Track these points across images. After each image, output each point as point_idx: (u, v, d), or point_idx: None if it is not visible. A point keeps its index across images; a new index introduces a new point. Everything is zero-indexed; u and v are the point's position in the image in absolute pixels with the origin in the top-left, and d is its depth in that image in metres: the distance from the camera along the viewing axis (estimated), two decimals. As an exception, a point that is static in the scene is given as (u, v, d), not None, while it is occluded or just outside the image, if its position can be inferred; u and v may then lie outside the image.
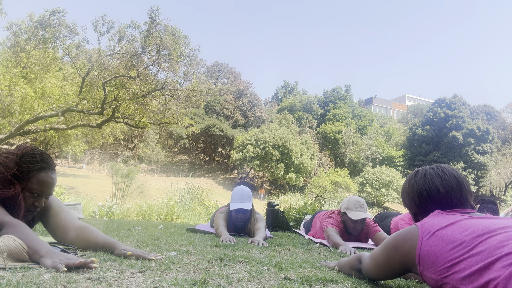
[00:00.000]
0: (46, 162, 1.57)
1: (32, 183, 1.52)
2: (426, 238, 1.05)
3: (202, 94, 15.24)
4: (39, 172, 1.54)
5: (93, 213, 6.71)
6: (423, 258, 1.03)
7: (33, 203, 1.55)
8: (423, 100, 62.23)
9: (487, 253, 0.88)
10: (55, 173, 1.63)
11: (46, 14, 11.95)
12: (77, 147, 20.80)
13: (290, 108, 41.06)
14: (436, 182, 1.23)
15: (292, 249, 2.25)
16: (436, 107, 37.60)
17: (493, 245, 0.89)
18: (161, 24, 12.43)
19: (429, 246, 1.03)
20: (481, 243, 0.92)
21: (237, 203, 2.96)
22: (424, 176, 1.27)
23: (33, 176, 1.53)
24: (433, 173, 1.26)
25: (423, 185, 1.26)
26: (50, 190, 1.60)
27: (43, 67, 14.20)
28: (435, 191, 1.22)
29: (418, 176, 1.29)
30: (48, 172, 1.58)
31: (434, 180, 1.24)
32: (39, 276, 1.07)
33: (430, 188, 1.23)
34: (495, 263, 0.85)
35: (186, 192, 9.10)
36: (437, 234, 1.03)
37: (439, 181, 1.23)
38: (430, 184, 1.24)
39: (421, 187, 1.26)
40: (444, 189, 1.21)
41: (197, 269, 1.34)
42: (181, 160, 39.36)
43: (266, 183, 33.29)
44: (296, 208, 5.69)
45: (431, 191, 1.23)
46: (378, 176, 28.91)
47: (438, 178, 1.24)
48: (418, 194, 1.27)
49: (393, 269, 1.18)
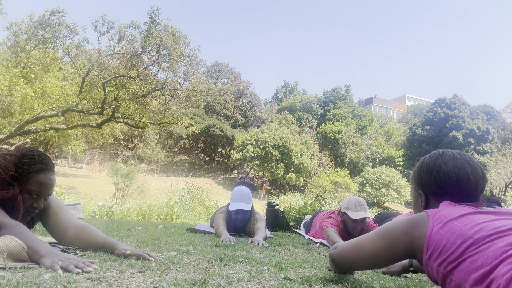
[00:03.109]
0: (45, 164, 1.57)
1: (31, 184, 1.52)
2: (438, 227, 1.03)
3: (202, 94, 15.24)
4: (37, 173, 1.54)
5: (93, 213, 6.71)
6: (431, 247, 1.02)
7: (32, 204, 1.55)
8: (423, 100, 62.24)
9: (494, 254, 0.88)
10: (54, 174, 1.63)
11: (46, 14, 11.95)
12: (77, 147, 20.80)
13: (290, 108, 41.06)
14: (467, 168, 1.19)
15: (292, 249, 2.25)
16: (436, 107, 37.60)
17: (500, 246, 0.89)
18: (161, 24, 12.43)
19: (439, 235, 1.01)
20: (488, 242, 0.92)
21: (237, 204, 2.96)
22: (454, 158, 1.22)
23: (32, 177, 1.53)
24: (462, 159, 1.21)
25: (453, 168, 1.19)
26: (49, 191, 1.60)
27: (43, 67, 14.20)
28: (465, 177, 1.17)
29: (447, 157, 1.23)
30: (47, 174, 1.57)
31: (465, 166, 1.19)
32: (39, 276, 1.07)
33: (460, 173, 1.18)
34: (499, 264, 0.85)
35: (186, 192, 9.10)
36: (449, 225, 1.01)
37: (469, 168, 1.19)
38: (461, 168, 1.19)
39: (451, 169, 1.19)
40: (474, 176, 1.17)
41: (197, 269, 1.34)
42: (181, 160, 39.36)
43: (266, 183, 33.28)
44: (296, 208, 5.69)
45: (461, 175, 1.18)
46: (378, 176, 28.91)
47: (469, 165, 1.19)
48: (444, 175, 1.20)
49: (394, 254, 1.15)
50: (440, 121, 36.18)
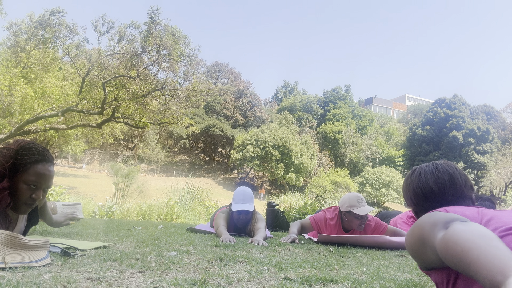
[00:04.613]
0: (42, 155, 1.56)
1: (29, 175, 1.51)
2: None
3: (202, 94, 15.23)
4: (35, 164, 1.53)
5: (93, 213, 6.70)
6: None
7: (31, 196, 1.54)
8: (423, 100, 62.24)
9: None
10: (52, 166, 1.62)
11: (46, 14, 11.95)
12: (77, 147, 20.79)
13: (290, 108, 41.07)
14: (430, 180, 1.23)
15: (292, 249, 2.25)
16: (436, 107, 37.59)
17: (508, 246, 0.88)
18: (161, 24, 12.43)
19: None
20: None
21: (239, 204, 2.96)
22: (419, 174, 1.27)
23: (30, 168, 1.52)
24: (427, 170, 1.26)
25: (418, 184, 1.25)
26: (48, 183, 1.58)
27: (43, 67, 14.19)
28: (429, 189, 1.22)
29: (414, 175, 1.29)
30: (45, 164, 1.56)
31: (428, 178, 1.23)
32: (39, 276, 1.07)
33: (424, 187, 1.23)
34: None
35: (186, 192, 9.10)
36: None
37: (432, 178, 1.22)
38: (424, 182, 1.23)
39: (416, 186, 1.26)
40: (437, 186, 1.20)
41: (197, 269, 1.34)
42: (181, 160, 39.35)
43: (266, 183, 33.28)
44: (296, 208, 5.70)
45: (424, 189, 1.23)
46: (378, 176, 28.93)
47: (432, 176, 1.23)
48: (413, 193, 1.27)
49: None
50: (440, 121, 36.17)
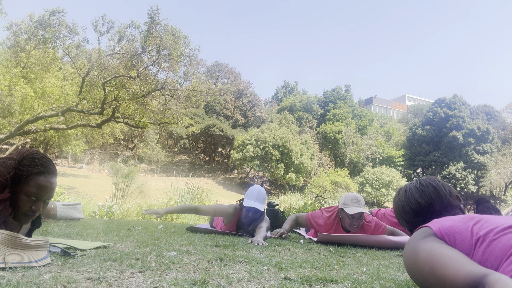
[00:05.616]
0: (45, 167, 1.55)
1: (30, 186, 1.49)
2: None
3: (202, 94, 15.24)
4: (37, 175, 1.51)
5: (93, 213, 6.70)
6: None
7: (31, 207, 1.52)
8: (423, 100, 62.23)
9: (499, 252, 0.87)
10: (55, 178, 1.60)
11: (46, 14, 11.95)
12: (77, 147, 20.80)
13: (290, 108, 41.08)
14: (415, 194, 1.31)
15: (292, 249, 2.25)
16: (436, 107, 37.60)
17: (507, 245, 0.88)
18: (161, 24, 12.43)
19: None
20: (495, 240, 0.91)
21: (252, 202, 2.98)
22: (405, 191, 1.35)
23: (31, 179, 1.50)
24: (411, 187, 1.34)
25: (405, 201, 1.33)
26: (48, 195, 1.57)
27: (43, 67, 14.21)
28: (416, 204, 1.29)
29: (401, 193, 1.37)
30: (47, 176, 1.55)
31: (413, 193, 1.31)
32: (39, 276, 1.07)
33: (411, 202, 1.31)
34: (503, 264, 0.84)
35: (186, 192, 9.10)
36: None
37: (417, 193, 1.30)
38: (410, 198, 1.32)
39: (404, 203, 1.34)
40: (423, 199, 1.28)
41: (197, 269, 1.34)
42: (181, 160, 39.36)
43: (266, 183, 33.28)
44: (296, 208, 5.70)
45: (412, 204, 1.30)
46: (378, 176, 28.93)
47: (417, 191, 1.31)
48: (403, 211, 1.34)
49: None
50: (440, 121, 36.17)
